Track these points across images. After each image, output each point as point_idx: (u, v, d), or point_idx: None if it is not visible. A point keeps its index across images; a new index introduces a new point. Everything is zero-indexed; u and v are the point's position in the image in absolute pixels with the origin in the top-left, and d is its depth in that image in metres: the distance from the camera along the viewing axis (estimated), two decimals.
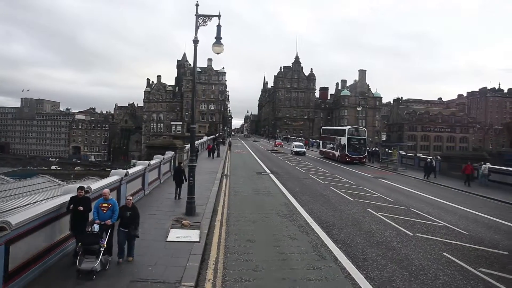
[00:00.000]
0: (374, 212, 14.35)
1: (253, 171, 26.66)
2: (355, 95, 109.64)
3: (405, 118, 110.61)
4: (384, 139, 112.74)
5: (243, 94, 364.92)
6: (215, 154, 35.37)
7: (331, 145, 41.39)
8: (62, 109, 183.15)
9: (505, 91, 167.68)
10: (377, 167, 34.19)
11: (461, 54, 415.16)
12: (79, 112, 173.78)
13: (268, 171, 26.54)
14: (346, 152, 35.80)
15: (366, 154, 37.18)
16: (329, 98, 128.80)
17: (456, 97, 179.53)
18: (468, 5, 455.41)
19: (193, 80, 14.66)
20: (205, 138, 47.45)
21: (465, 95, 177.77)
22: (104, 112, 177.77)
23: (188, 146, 26.79)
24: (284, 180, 22.61)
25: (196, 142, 38.43)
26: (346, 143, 36.24)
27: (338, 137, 38.84)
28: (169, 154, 20.58)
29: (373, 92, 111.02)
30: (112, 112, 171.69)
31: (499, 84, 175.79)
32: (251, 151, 47.01)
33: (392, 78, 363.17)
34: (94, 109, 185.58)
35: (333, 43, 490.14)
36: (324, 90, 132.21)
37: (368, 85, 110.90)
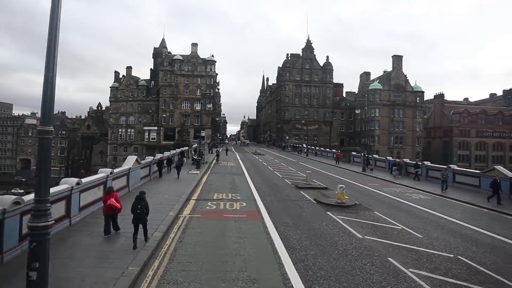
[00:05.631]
0: None
1: None
2: (389, 89, 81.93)
3: (454, 120, 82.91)
4: (420, 150, 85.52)
5: (238, 100, 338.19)
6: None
7: None
8: (26, 113, 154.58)
9: None
10: None
11: (456, 57, 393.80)
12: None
13: None
14: None
15: None
16: (344, 95, 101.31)
17: (487, 97, 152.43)
18: (460, 8, 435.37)
19: None
20: (130, 161, 17.46)
21: (487, 95, 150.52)
22: (80, 117, 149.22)
23: None
24: None
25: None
26: None
27: None
28: None
29: (411, 85, 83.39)
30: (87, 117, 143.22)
31: None
32: (255, 196, 18.02)
33: None
34: (64, 113, 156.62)
35: (326, 45, 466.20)
36: (338, 87, 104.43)
37: (405, 76, 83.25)
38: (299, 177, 26.54)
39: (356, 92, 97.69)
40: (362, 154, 35.06)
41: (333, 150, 48.19)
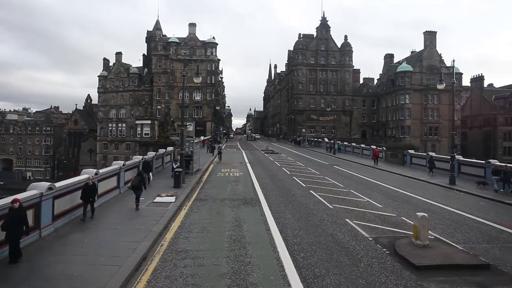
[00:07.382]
0: None
1: None
2: (421, 71, 69.71)
3: (498, 107, 70.60)
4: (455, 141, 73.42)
5: (243, 93, 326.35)
6: None
7: None
8: (17, 109, 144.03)
9: None
10: None
11: (465, 44, 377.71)
12: (39, 111, 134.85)
13: None
14: None
15: None
16: (361, 81, 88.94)
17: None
18: None
19: None
20: None
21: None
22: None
23: None
24: None
25: None
26: None
27: None
28: None
29: (447, 67, 70.86)
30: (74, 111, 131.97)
31: None
32: None
33: None
34: (57, 108, 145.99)
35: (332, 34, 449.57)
36: (355, 72, 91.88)
37: (440, 55, 70.87)
38: (371, 209, 13.90)
39: (379, 76, 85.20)
40: (428, 154, 23.38)
41: (373, 147, 36.43)
